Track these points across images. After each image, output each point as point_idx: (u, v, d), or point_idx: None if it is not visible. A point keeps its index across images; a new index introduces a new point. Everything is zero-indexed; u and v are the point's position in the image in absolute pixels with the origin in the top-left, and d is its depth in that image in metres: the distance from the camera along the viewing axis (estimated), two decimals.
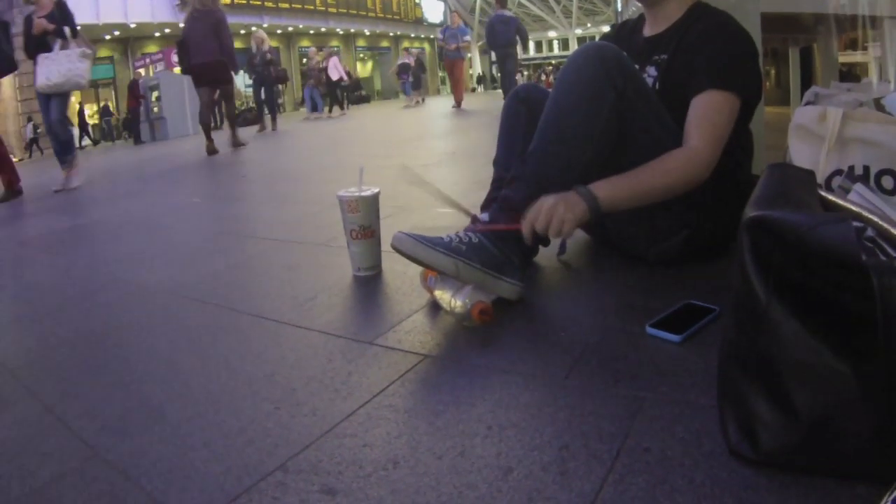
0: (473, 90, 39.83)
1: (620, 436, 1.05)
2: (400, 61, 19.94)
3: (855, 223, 0.88)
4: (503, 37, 11.90)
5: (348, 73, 17.89)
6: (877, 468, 0.83)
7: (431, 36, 40.82)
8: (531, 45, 46.30)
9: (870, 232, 0.96)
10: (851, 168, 1.46)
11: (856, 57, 6.40)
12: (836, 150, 1.48)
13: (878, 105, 1.53)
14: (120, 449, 1.16)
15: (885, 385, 0.79)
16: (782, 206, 0.93)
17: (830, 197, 1.07)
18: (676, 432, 1.04)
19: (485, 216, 1.71)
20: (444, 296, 1.63)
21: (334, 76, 16.31)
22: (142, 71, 24.60)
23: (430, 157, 5.30)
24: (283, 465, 1.06)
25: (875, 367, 0.80)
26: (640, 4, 2.02)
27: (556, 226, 1.55)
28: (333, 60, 16.64)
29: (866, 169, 1.45)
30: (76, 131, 21.40)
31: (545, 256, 2.01)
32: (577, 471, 0.97)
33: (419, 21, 39.68)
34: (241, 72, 14.05)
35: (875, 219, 0.99)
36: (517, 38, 12.03)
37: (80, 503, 1.02)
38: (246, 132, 9.99)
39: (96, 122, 25.01)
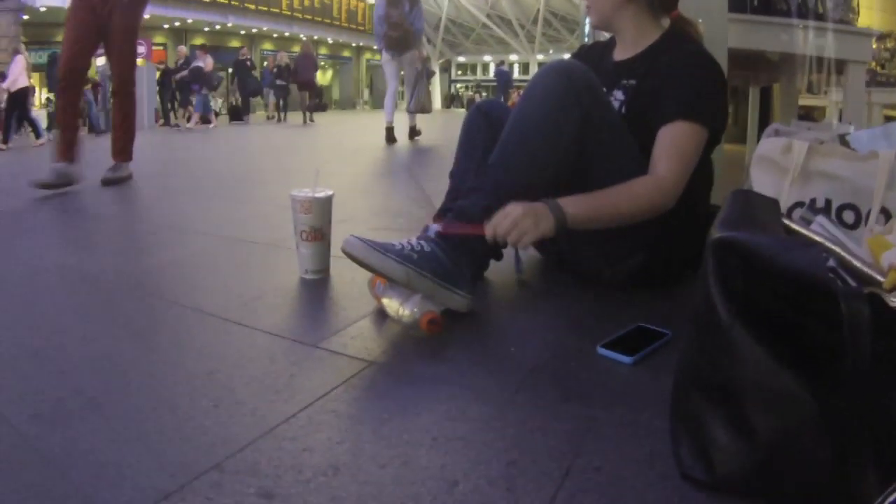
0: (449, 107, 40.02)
1: (570, 454, 1.04)
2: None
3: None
4: (503, 81, 22.24)
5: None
6: (834, 496, 0.82)
7: (378, 43, 40.74)
8: (491, 66, 46.77)
9: (831, 262, 0.96)
10: (813, 201, 1.47)
11: (815, 100, 6.56)
12: (798, 182, 1.49)
13: (843, 141, 1.55)
14: (51, 438, 1.10)
15: (846, 411, 0.79)
16: (748, 229, 0.92)
17: (793, 225, 1.07)
18: (628, 453, 1.03)
19: (436, 227, 1.69)
20: (391, 304, 1.60)
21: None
22: (101, 60, 23.93)
23: None
24: (220, 464, 1.02)
25: (836, 393, 0.79)
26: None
27: (515, 235, 1.54)
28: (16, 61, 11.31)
29: (828, 202, 1.46)
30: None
31: (497, 272, 1.99)
32: (525, 487, 0.95)
33: None
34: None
35: (837, 249, 0.99)
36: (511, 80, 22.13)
37: (5, 492, 0.96)
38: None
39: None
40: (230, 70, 19.11)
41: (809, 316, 0.82)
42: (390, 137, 8.24)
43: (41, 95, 24.14)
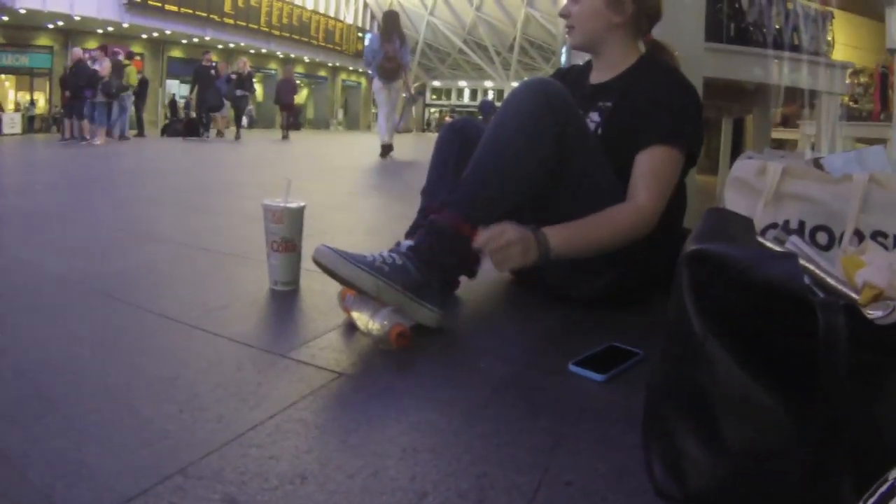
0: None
1: (540, 468, 1.03)
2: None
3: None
4: (488, 111, 24.26)
5: None
6: None
7: (370, 71, 40.89)
8: (466, 92, 47.08)
9: (806, 280, 0.96)
10: (787, 222, 1.48)
11: (787, 133, 6.66)
12: (772, 204, 1.50)
13: (818, 164, 1.56)
14: (9, 437, 1.07)
15: (819, 423, 0.78)
16: (722, 242, 0.92)
17: (767, 244, 1.07)
18: (599, 468, 1.02)
19: (409, 242, 1.67)
20: (361, 317, 1.58)
21: None
22: None
23: None
24: (184, 469, 0.99)
25: (809, 405, 0.79)
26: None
27: (500, 258, 1.55)
28: None
29: (801, 224, 1.47)
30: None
31: (468, 290, 1.98)
32: (496, 500, 0.94)
33: (359, 54, 39.66)
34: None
35: (811, 267, 0.99)
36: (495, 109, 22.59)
37: None
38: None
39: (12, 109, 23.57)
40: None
41: (785, 328, 0.82)
42: (385, 152, 9.36)
43: (16, 98, 23.98)
